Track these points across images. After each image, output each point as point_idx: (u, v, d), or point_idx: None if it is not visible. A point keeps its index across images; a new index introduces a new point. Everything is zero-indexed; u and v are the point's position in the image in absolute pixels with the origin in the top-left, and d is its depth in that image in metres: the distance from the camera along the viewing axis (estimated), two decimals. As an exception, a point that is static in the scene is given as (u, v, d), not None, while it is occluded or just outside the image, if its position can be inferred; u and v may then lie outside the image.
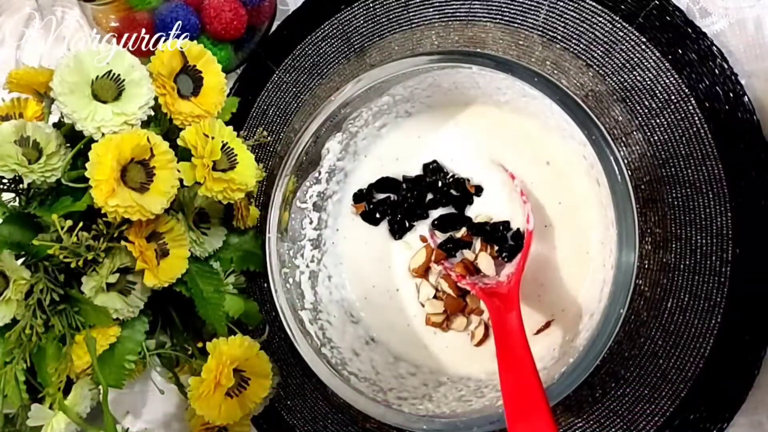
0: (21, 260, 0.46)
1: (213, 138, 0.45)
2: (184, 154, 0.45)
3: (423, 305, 0.55)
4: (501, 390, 0.42)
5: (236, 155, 0.46)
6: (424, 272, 0.55)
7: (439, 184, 0.55)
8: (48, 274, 0.46)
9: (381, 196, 0.56)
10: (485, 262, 0.52)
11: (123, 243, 0.45)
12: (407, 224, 0.55)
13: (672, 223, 0.48)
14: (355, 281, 0.57)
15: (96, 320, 0.47)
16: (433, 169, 0.55)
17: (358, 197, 0.57)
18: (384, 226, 0.56)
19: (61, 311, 0.47)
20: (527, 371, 0.42)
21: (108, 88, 0.44)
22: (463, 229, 0.54)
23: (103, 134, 0.43)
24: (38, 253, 0.46)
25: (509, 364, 0.43)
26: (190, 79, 0.48)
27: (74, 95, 0.43)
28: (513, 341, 0.44)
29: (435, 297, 0.54)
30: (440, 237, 0.55)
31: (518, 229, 0.52)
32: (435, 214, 0.55)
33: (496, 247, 0.53)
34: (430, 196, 0.55)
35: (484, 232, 0.53)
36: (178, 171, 0.44)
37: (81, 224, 0.43)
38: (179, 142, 0.45)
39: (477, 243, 0.53)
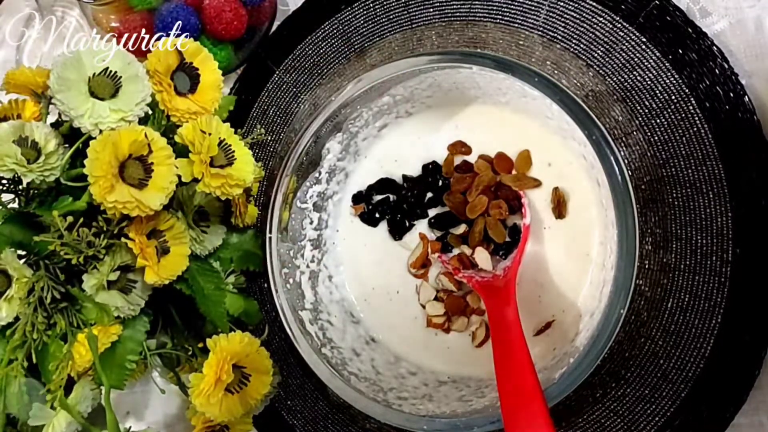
0: (23, 260, 0.46)
1: (210, 134, 0.45)
2: (182, 151, 0.45)
3: (424, 307, 0.55)
4: (497, 383, 0.42)
5: (234, 152, 0.47)
6: (423, 268, 0.55)
7: (440, 183, 0.55)
8: (49, 272, 0.46)
9: (380, 197, 0.57)
10: (482, 257, 0.52)
11: (123, 240, 0.45)
12: (407, 224, 0.55)
13: (672, 223, 0.48)
14: (355, 283, 0.57)
15: (97, 318, 0.47)
16: (433, 169, 0.55)
17: (357, 198, 0.57)
18: (384, 228, 0.56)
19: (62, 309, 0.47)
20: (523, 364, 0.41)
21: (105, 86, 0.44)
22: (462, 227, 0.54)
23: (100, 131, 0.43)
24: (39, 251, 0.46)
25: (505, 357, 0.43)
26: (186, 77, 0.48)
27: (71, 92, 0.43)
28: (509, 334, 0.44)
29: (436, 299, 0.54)
30: (438, 234, 0.55)
31: (515, 224, 0.52)
32: (434, 213, 0.55)
33: (492, 244, 0.53)
34: (429, 195, 0.55)
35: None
36: (176, 167, 0.44)
37: (81, 220, 0.43)
38: (177, 138, 0.45)
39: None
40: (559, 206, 0.51)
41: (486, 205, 0.52)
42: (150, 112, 0.46)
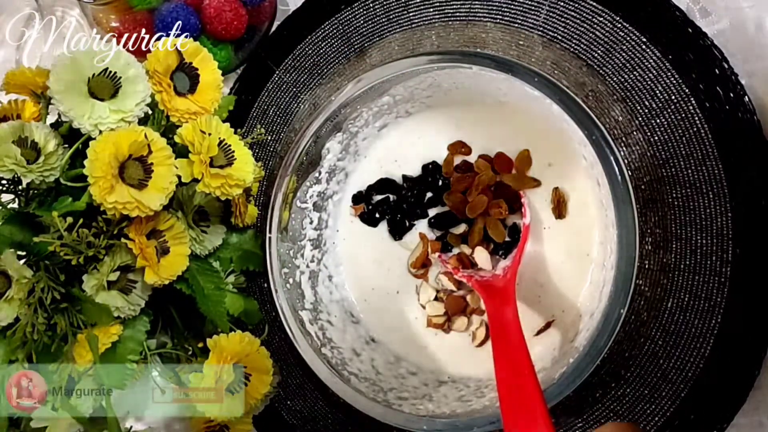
0: (22, 260, 0.46)
1: (210, 134, 0.45)
2: (181, 151, 0.45)
3: (424, 307, 0.55)
4: (496, 382, 0.42)
5: (233, 152, 0.47)
6: (423, 268, 0.55)
7: (440, 183, 0.55)
8: (49, 273, 0.46)
9: (380, 197, 0.56)
10: (482, 257, 0.52)
11: (123, 240, 0.45)
12: (407, 224, 0.55)
13: (672, 223, 0.48)
14: (355, 283, 0.57)
15: (97, 318, 0.47)
16: (433, 169, 0.55)
17: (357, 199, 0.57)
18: (384, 228, 0.56)
19: (62, 310, 0.47)
20: (522, 364, 0.41)
21: (104, 86, 0.44)
22: (462, 226, 0.54)
23: (100, 132, 0.43)
24: (39, 252, 0.46)
25: (504, 357, 0.43)
26: (186, 77, 0.48)
27: (71, 93, 0.43)
28: (508, 334, 0.44)
29: (436, 299, 0.54)
30: (438, 234, 0.55)
31: (515, 223, 0.52)
32: (433, 213, 0.55)
33: (492, 244, 0.53)
34: (429, 194, 0.55)
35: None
36: (176, 167, 0.44)
37: (81, 221, 0.43)
38: (176, 139, 0.45)
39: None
40: (559, 206, 0.51)
41: (486, 205, 0.52)
42: (150, 112, 0.46)
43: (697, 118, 0.48)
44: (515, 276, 0.49)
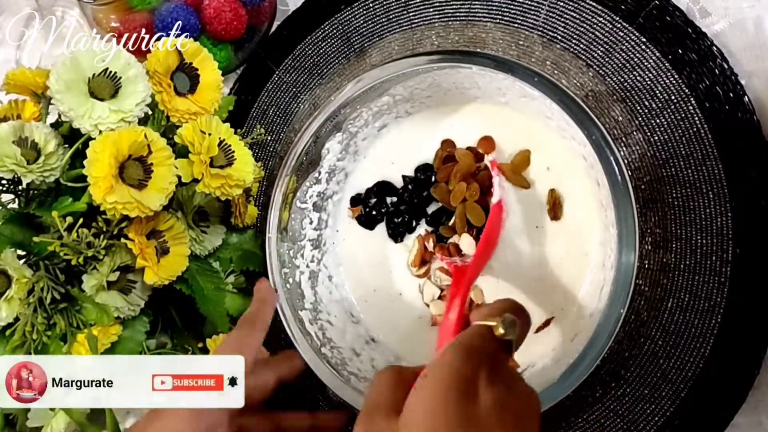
0: (23, 260, 0.47)
1: (210, 135, 0.45)
2: (181, 151, 0.45)
3: (428, 306, 0.55)
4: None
5: (234, 152, 0.47)
6: (423, 266, 0.55)
7: (432, 180, 0.55)
8: (49, 272, 0.46)
9: (378, 199, 0.56)
10: (465, 243, 0.52)
11: (123, 240, 0.45)
12: (414, 223, 0.55)
13: (672, 223, 0.48)
14: (355, 284, 0.57)
15: (97, 318, 0.47)
16: (424, 168, 0.55)
17: (355, 201, 0.57)
18: (382, 230, 0.56)
19: (62, 310, 0.47)
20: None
21: (105, 86, 0.44)
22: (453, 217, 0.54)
23: (100, 132, 0.43)
24: (39, 252, 0.46)
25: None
26: (186, 77, 0.48)
27: (71, 93, 0.43)
28: (449, 327, 0.44)
29: (440, 298, 0.54)
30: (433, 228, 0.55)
31: None
32: (430, 210, 0.55)
33: (475, 229, 0.53)
34: (425, 193, 0.55)
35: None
36: (176, 168, 0.44)
37: (81, 221, 0.43)
38: (176, 139, 0.45)
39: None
40: (555, 208, 0.51)
41: (465, 191, 0.52)
42: (150, 112, 0.46)
43: (697, 118, 0.48)
44: (478, 264, 0.48)
